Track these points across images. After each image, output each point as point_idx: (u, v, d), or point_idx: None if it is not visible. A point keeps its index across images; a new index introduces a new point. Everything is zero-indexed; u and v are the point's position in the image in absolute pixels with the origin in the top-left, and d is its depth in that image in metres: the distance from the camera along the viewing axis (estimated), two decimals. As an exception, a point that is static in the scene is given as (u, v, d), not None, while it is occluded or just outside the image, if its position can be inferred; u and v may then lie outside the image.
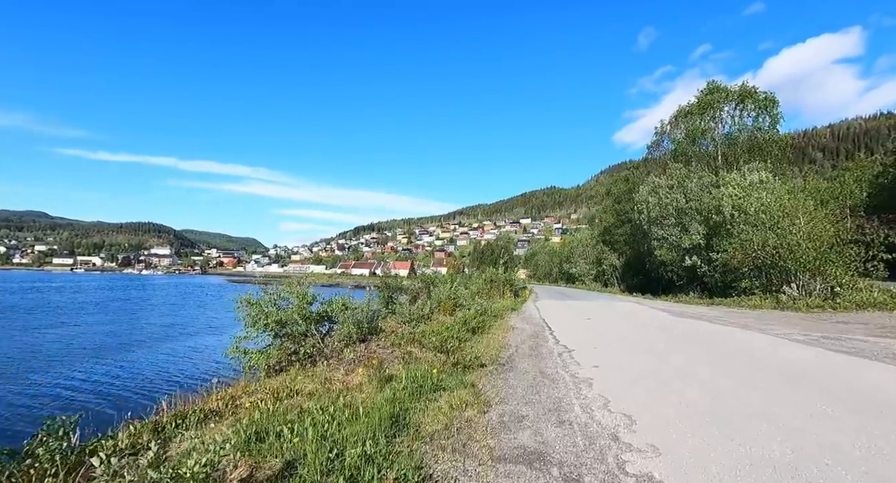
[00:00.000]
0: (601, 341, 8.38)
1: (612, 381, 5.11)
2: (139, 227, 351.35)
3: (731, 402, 4.13)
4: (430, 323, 10.61)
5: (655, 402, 4.18)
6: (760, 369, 5.49)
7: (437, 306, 14.10)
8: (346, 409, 3.82)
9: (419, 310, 11.17)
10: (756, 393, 4.41)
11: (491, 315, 12.43)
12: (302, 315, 7.93)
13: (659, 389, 4.66)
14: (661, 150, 32.10)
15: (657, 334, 9.37)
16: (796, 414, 3.73)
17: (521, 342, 8.26)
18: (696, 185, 23.50)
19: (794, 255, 16.42)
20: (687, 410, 3.90)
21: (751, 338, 8.66)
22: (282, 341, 7.82)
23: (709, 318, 12.94)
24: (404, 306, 12.07)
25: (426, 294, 16.25)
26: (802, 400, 4.13)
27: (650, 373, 5.47)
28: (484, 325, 10.05)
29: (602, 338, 8.88)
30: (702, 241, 22.05)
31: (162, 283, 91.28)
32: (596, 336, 9.15)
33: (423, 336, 7.45)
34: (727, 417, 3.68)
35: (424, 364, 5.52)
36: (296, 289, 8.54)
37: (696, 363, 5.99)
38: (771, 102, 24.22)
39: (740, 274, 19.33)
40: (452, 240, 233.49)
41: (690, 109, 27.48)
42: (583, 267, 56.64)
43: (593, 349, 7.39)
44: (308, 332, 7.75)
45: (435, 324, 9.68)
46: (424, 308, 11.25)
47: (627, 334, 9.40)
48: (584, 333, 9.59)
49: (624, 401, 4.28)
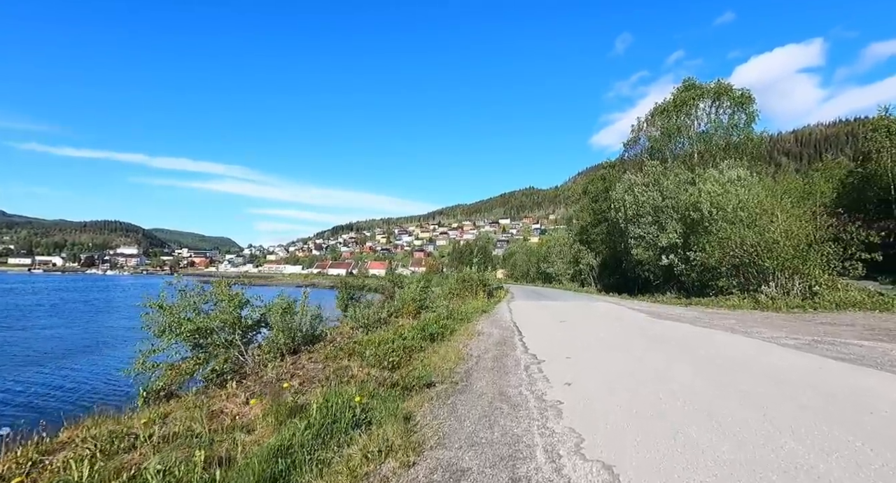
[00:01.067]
0: (575, 349, 7.38)
1: (588, 406, 4.06)
2: (105, 226, 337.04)
3: (746, 438, 3.13)
4: (387, 328, 9.44)
5: (645, 442, 3.13)
6: (770, 388, 4.56)
7: (401, 308, 12.94)
8: (210, 468, 2.63)
9: (376, 313, 9.98)
10: (782, 430, 3.43)
11: (458, 318, 11.34)
12: (227, 321, 6.65)
13: (648, 420, 3.63)
14: (637, 147, 31.75)
15: (636, 339, 8.45)
16: (846, 467, 2.73)
17: (485, 351, 7.18)
18: (673, 183, 23.03)
19: (772, 254, 15.94)
20: (686, 453, 2.88)
21: (737, 342, 7.82)
22: (201, 354, 6.51)
23: (689, 319, 12.19)
24: (359, 309, 10.86)
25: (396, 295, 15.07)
26: (838, 438, 3.16)
27: (632, 392, 4.46)
28: (446, 330, 8.94)
29: (576, 344, 7.89)
30: (679, 240, 21.56)
31: (127, 284, 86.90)
32: (570, 342, 8.16)
33: (365, 346, 6.28)
34: (751, 469, 2.66)
35: (353, 386, 4.36)
36: (222, 290, 7.24)
37: (684, 376, 5.03)
38: (747, 99, 24.00)
39: (718, 273, 18.85)
40: (432, 240, 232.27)
41: (666, 107, 27.12)
42: (560, 266, 56.33)
43: (566, 360, 6.36)
44: (231, 343, 6.47)
45: (389, 330, 8.51)
46: (382, 311, 10.06)
47: (604, 339, 8.44)
48: (557, 339, 8.59)
49: (602, 438, 3.22)
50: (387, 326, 10.11)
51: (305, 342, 7.18)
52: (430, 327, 8.31)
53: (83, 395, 9.44)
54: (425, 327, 8.31)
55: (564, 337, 8.85)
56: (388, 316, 10.52)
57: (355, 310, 10.79)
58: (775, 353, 6.64)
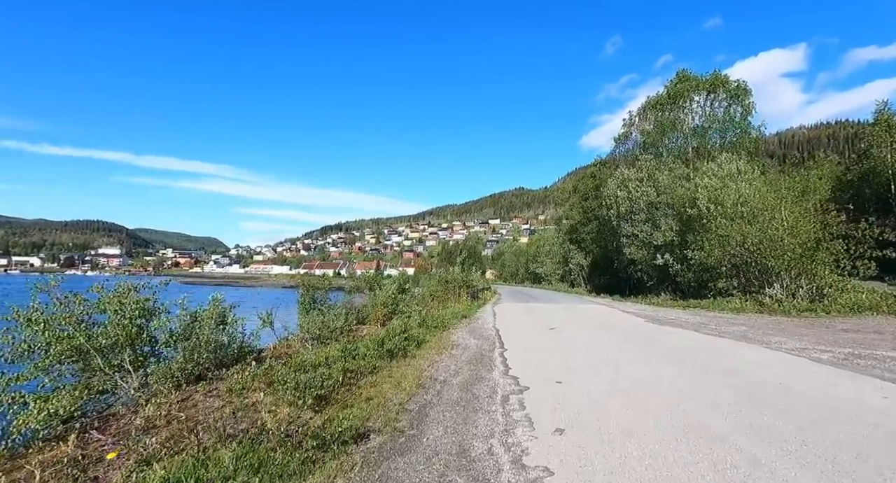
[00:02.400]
0: (568, 368, 5.95)
1: (590, 478, 2.63)
2: (87, 226, 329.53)
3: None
4: (345, 340, 7.92)
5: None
6: (869, 446, 3.16)
7: (370, 313, 11.42)
8: None
9: (333, 320, 8.46)
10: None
11: (432, 325, 9.86)
12: (119, 337, 5.08)
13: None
14: (629, 143, 30.59)
15: (641, 353, 7.04)
16: None
17: (454, 373, 5.71)
18: (668, 178, 21.84)
19: (776, 252, 14.75)
20: None
21: (764, 357, 6.44)
22: (80, 382, 4.93)
23: (693, 325, 10.88)
24: (316, 315, 9.33)
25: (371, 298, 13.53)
26: None
27: (653, 450, 3.04)
28: (412, 343, 7.45)
29: (569, 361, 6.45)
30: (675, 238, 20.36)
31: (106, 286, 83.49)
32: (561, 358, 6.73)
33: (294, 370, 4.78)
34: None
35: (230, 450, 2.85)
36: (121, 293, 5.69)
37: (718, 424, 3.63)
38: (742, 91, 22.92)
39: (716, 273, 17.66)
40: (422, 240, 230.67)
41: (660, 100, 25.96)
42: (549, 267, 55.19)
43: (556, 387, 4.92)
44: (119, 367, 4.91)
45: (340, 344, 7.00)
46: (339, 319, 8.54)
47: (602, 354, 7.03)
48: (545, 353, 7.15)
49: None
50: (348, 337, 8.60)
51: (220, 364, 5.63)
52: (390, 340, 6.81)
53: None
54: (385, 339, 6.81)
55: (554, 350, 7.42)
56: (349, 324, 9.00)
57: (311, 317, 9.24)
58: (817, 375, 5.29)
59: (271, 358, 6.20)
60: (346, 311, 10.79)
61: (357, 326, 10.92)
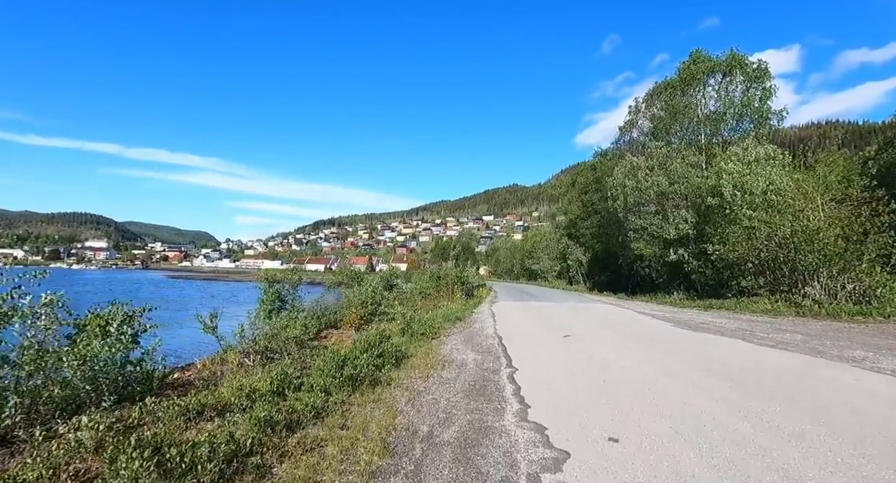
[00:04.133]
0: (614, 408, 3.98)
1: None
2: (74, 218, 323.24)
3: None
4: (299, 354, 5.93)
5: None
6: None
7: (345, 316, 9.42)
8: None
9: (290, 327, 6.46)
10: None
11: (418, 332, 7.88)
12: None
13: None
14: (635, 131, 28.70)
15: (703, 378, 5.09)
16: None
17: (445, 418, 3.74)
18: (682, 166, 19.98)
19: (813, 246, 12.96)
20: None
21: (873, 385, 4.54)
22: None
23: (730, 331, 9.00)
24: (277, 318, 7.34)
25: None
26: None
27: None
28: (389, 359, 5.48)
29: (610, 393, 4.48)
30: (691, 231, 18.52)
31: (90, 279, 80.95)
32: (596, 386, 4.75)
33: (182, 414, 2.81)
34: None
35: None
36: None
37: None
38: (762, 73, 21.05)
39: (739, 270, 15.84)
40: (415, 236, 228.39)
41: (671, 83, 24.04)
42: (546, 263, 53.42)
43: (611, 451, 2.97)
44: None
45: (279, 367, 4.98)
46: (293, 326, 6.53)
47: (649, 378, 5.07)
48: (569, 375, 5.20)
49: None
50: (309, 349, 6.60)
51: (87, 401, 3.59)
52: (354, 360, 4.80)
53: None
54: (348, 358, 4.81)
55: (580, 370, 5.46)
56: (310, 331, 7.00)
57: (257, 322, 7.22)
58: None
59: (176, 386, 4.18)
60: (314, 314, 8.80)
61: (327, 332, 8.92)
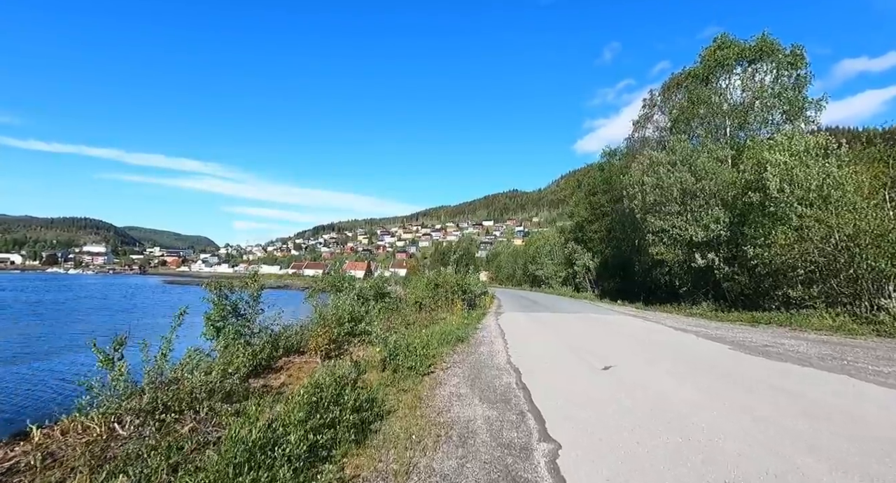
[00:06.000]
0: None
1: None
2: (73, 223, 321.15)
3: None
4: (211, 413, 3.74)
5: None
6: None
7: (311, 338, 7.20)
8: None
9: (225, 363, 4.25)
10: None
11: (405, 365, 5.68)
12: None
13: None
14: (650, 126, 26.65)
15: (857, 455, 2.90)
16: None
17: None
18: (709, 161, 17.83)
19: (886, 250, 10.81)
20: None
21: None
22: None
23: (817, 360, 6.80)
24: (228, 338, 5.17)
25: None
26: None
27: None
28: (345, 428, 3.27)
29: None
30: (723, 232, 16.31)
31: (85, 284, 78.70)
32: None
33: None
34: None
35: None
36: None
37: None
38: (798, 58, 18.95)
39: (784, 277, 13.63)
40: (414, 241, 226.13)
41: (693, 72, 21.99)
42: (550, 268, 51.15)
43: None
44: None
45: (174, 438, 2.77)
46: (218, 364, 4.34)
47: (765, 454, 2.87)
48: (641, 453, 3.01)
49: None
50: (239, 397, 4.41)
51: None
52: (279, 443, 2.62)
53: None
54: (266, 444, 2.62)
55: (652, 437, 3.26)
56: (248, 368, 4.81)
57: (220, 345, 5.05)
58: None
59: None
60: (271, 336, 6.63)
61: (287, 361, 6.70)
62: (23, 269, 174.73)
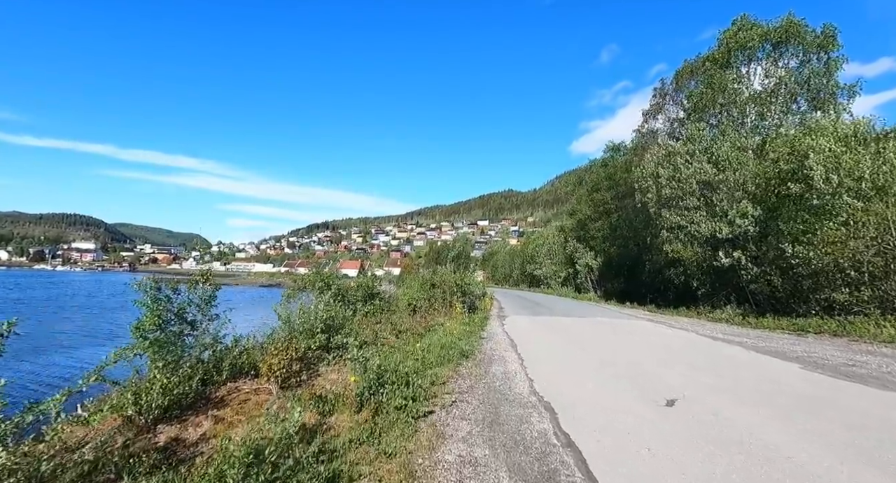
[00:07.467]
0: None
1: None
2: (62, 219, 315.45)
3: None
4: None
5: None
6: None
7: (264, 358, 5.41)
8: None
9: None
10: None
11: (391, 402, 3.94)
12: None
13: None
14: (660, 117, 25.05)
15: None
16: None
17: None
18: (731, 150, 16.21)
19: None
20: None
21: None
22: None
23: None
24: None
25: None
26: None
27: None
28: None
29: None
30: (752, 228, 14.68)
31: (71, 281, 76.56)
32: None
33: None
34: None
35: None
36: None
37: None
38: (829, 40, 17.37)
39: (827, 279, 12.02)
40: (409, 240, 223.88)
41: (710, 56, 20.38)
42: (549, 268, 49.47)
43: None
44: None
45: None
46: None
47: None
48: None
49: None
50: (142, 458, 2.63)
51: None
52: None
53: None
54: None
55: None
56: (161, 402, 3.08)
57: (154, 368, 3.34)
58: None
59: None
60: (193, 362, 4.87)
61: (234, 387, 4.93)
62: (9, 266, 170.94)
